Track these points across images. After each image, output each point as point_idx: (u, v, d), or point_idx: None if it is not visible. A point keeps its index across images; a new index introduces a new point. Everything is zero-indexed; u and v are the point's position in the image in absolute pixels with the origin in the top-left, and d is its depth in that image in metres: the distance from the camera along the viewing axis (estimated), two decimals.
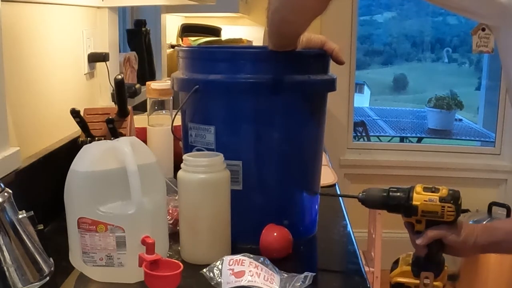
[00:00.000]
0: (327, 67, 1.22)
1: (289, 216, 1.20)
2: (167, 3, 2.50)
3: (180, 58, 1.24)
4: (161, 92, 1.54)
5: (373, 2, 8.14)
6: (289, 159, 1.20)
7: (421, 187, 1.04)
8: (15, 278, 0.80)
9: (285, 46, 1.12)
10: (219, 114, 1.18)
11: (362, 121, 5.17)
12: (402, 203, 1.04)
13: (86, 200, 1.00)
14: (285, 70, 1.14)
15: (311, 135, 1.23)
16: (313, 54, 1.20)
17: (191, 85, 1.16)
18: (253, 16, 3.32)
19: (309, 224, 1.27)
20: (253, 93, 1.16)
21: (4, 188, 0.82)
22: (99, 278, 1.02)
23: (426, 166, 3.36)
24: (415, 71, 8.57)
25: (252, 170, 1.17)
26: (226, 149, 1.15)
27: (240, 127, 1.17)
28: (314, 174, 1.27)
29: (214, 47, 1.83)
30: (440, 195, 1.03)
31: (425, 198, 1.03)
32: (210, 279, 1.00)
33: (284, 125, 1.18)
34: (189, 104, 1.20)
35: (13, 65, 1.22)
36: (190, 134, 1.21)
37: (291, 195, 1.22)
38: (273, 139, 1.18)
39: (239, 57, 1.18)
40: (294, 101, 1.18)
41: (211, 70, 1.16)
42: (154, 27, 2.61)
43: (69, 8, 1.57)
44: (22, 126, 1.27)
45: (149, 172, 1.03)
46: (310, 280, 1.00)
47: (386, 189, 1.07)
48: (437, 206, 1.02)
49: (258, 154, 1.18)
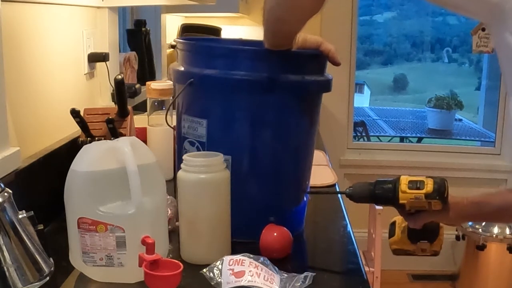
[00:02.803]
0: (323, 68, 1.22)
1: (277, 212, 1.19)
2: (167, 3, 2.50)
3: (178, 50, 1.25)
4: (161, 92, 1.55)
5: (373, 2, 8.14)
6: (280, 157, 1.20)
7: (406, 184, 1.04)
8: (15, 278, 0.80)
9: (281, 45, 1.12)
10: (212, 108, 1.19)
11: (362, 121, 5.18)
12: (389, 199, 1.05)
13: (86, 200, 1.00)
14: (280, 69, 1.15)
15: (303, 134, 1.23)
16: (309, 55, 1.20)
17: (186, 78, 1.17)
18: (253, 16, 3.32)
19: (296, 221, 1.27)
20: (247, 90, 1.16)
21: (4, 188, 0.82)
22: (99, 278, 1.02)
23: (426, 166, 3.36)
24: (415, 71, 8.57)
25: (242, 166, 1.18)
26: (216, 143, 1.16)
27: (232, 122, 1.18)
28: (304, 172, 1.27)
29: (212, 41, 1.82)
30: (426, 191, 1.02)
31: (410, 196, 1.03)
32: (210, 279, 1.00)
33: (276, 123, 1.18)
34: (184, 96, 1.21)
35: (13, 65, 1.22)
36: (183, 126, 1.22)
37: (280, 192, 1.22)
38: (264, 136, 1.18)
39: (236, 54, 1.18)
40: (288, 100, 1.18)
41: (208, 64, 1.17)
42: (154, 27, 2.61)
43: (69, 8, 1.57)
44: (22, 126, 1.27)
45: (149, 172, 1.03)
46: (310, 280, 1.00)
47: (372, 183, 1.07)
48: (423, 202, 1.03)
49: (249, 150, 1.18)
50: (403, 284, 3.33)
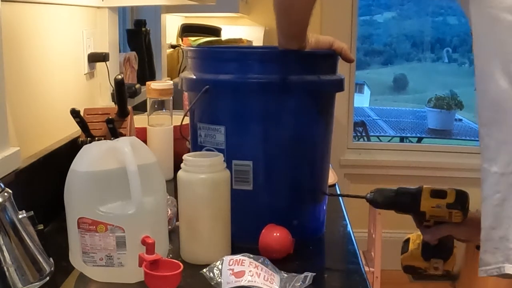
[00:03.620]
0: (335, 67, 1.23)
1: (298, 216, 1.20)
2: (167, 3, 2.50)
3: (189, 59, 1.24)
4: (161, 92, 1.55)
5: (373, 2, 8.13)
6: (298, 159, 1.20)
7: (429, 192, 1.05)
8: (15, 278, 0.80)
9: (295, 35, 1.12)
10: (229, 114, 1.18)
11: (362, 121, 5.18)
12: (410, 207, 1.06)
13: (86, 200, 1.00)
14: (295, 70, 1.15)
15: (320, 135, 1.23)
16: (322, 54, 1.21)
17: (201, 85, 1.16)
18: (253, 16, 3.32)
19: (317, 225, 1.27)
20: (264, 93, 1.15)
21: (4, 188, 0.82)
22: (99, 278, 1.02)
23: (426, 166, 3.36)
24: (415, 71, 8.57)
25: (262, 170, 1.17)
26: (236, 149, 1.15)
27: (250, 127, 1.17)
28: (322, 174, 1.27)
29: (223, 47, 1.83)
30: (448, 200, 1.03)
31: (432, 204, 1.04)
32: (210, 279, 1.00)
33: (294, 124, 1.18)
34: (198, 104, 1.19)
35: (13, 65, 1.22)
36: (199, 134, 1.21)
37: (300, 195, 1.22)
38: (282, 139, 1.18)
39: (248, 57, 1.18)
40: (304, 101, 1.18)
41: (221, 70, 1.16)
42: (154, 27, 2.61)
43: (69, 8, 1.57)
44: (22, 126, 1.27)
45: (149, 172, 1.03)
46: (310, 280, 1.00)
47: (394, 190, 1.08)
48: (444, 211, 1.04)
49: (268, 154, 1.18)
50: (403, 284, 3.33)
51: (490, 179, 0.85)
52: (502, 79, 0.81)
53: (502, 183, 0.83)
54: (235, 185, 1.15)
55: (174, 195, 1.21)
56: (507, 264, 0.83)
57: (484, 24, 0.84)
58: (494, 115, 0.83)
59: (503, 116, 0.82)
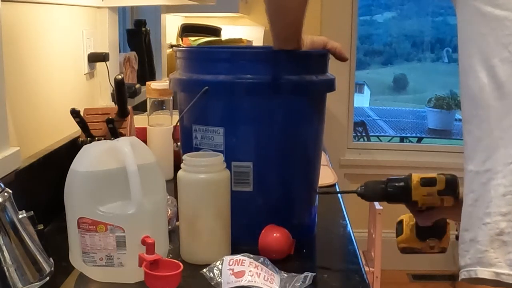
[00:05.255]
0: (326, 67, 1.23)
1: (293, 216, 1.20)
2: (167, 3, 2.50)
3: (180, 59, 1.23)
4: (161, 92, 1.54)
5: (373, 2, 8.14)
6: (293, 159, 1.20)
7: (418, 181, 1.05)
8: (15, 278, 0.80)
9: (290, 36, 1.12)
10: (227, 115, 1.17)
11: (362, 121, 5.18)
12: (402, 198, 1.06)
13: (86, 200, 1.00)
14: (286, 70, 1.15)
15: (313, 134, 1.23)
16: (315, 54, 1.21)
17: (197, 86, 1.15)
18: (253, 16, 3.32)
19: (311, 223, 1.27)
20: (266, 93, 1.15)
21: (4, 188, 0.82)
22: (99, 278, 1.02)
23: (426, 166, 3.36)
24: (415, 71, 8.57)
25: (262, 171, 1.17)
26: (236, 151, 1.15)
27: (248, 128, 1.17)
28: (315, 173, 1.27)
29: (216, 47, 1.82)
30: (438, 188, 1.04)
31: (423, 193, 1.04)
32: (210, 279, 1.00)
33: (287, 124, 1.18)
34: (192, 106, 1.18)
35: (13, 65, 1.22)
36: (195, 136, 1.20)
37: (295, 195, 1.22)
38: (277, 139, 1.18)
39: (242, 58, 1.18)
40: (297, 100, 1.18)
41: (213, 71, 1.16)
42: (154, 27, 2.61)
43: (69, 8, 1.57)
44: (22, 126, 1.27)
45: (149, 172, 1.03)
46: (310, 280, 1.00)
47: (384, 181, 1.08)
48: (436, 198, 1.04)
49: (267, 154, 1.18)
50: (403, 284, 3.33)
51: (466, 178, 0.81)
52: (482, 74, 0.78)
53: (475, 182, 0.79)
54: (234, 187, 1.15)
55: (174, 195, 1.21)
56: (478, 268, 0.77)
57: (467, 18, 0.82)
58: (474, 111, 0.79)
59: (481, 111, 0.78)
